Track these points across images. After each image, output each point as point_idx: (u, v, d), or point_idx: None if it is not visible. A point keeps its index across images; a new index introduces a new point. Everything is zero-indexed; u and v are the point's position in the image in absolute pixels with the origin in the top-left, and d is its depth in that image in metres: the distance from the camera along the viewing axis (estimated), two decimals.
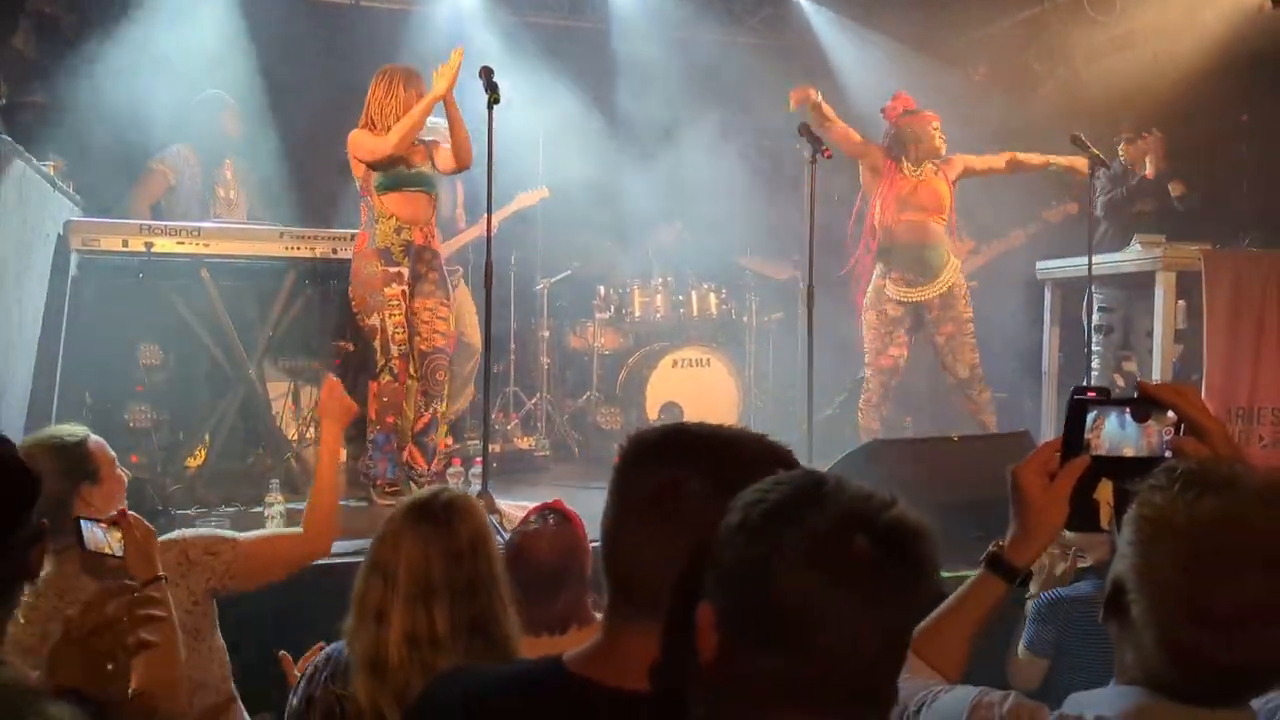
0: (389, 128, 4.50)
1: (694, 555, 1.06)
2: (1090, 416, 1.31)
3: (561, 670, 1.16)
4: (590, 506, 1.49)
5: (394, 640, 1.75)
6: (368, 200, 4.63)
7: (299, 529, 2.65)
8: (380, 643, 1.76)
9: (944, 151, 5.46)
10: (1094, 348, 5.76)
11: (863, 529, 0.95)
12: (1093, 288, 5.43)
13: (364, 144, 4.54)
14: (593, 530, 3.99)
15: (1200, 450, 1.26)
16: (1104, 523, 1.29)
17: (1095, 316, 5.67)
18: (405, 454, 4.77)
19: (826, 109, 5.28)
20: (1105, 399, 1.32)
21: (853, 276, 5.69)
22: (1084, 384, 1.47)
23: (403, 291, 4.59)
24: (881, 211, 5.44)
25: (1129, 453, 1.30)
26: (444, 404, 4.79)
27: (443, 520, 1.84)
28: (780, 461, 1.14)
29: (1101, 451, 1.31)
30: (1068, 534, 2.05)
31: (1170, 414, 1.29)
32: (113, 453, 2.39)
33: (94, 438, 2.36)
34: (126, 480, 2.45)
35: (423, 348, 4.70)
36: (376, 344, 4.59)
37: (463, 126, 4.47)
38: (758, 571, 0.96)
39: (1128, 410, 1.31)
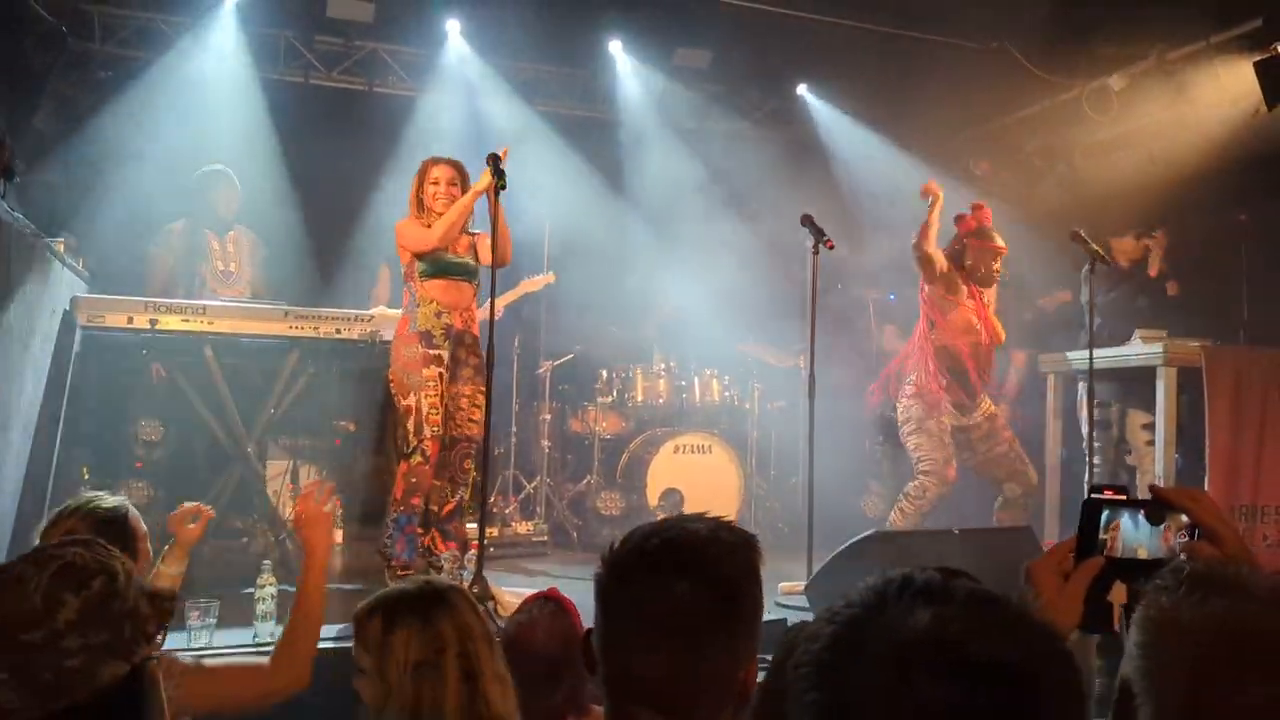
0: (434, 211, 4.64)
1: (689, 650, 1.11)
2: (1104, 517, 1.30)
3: None
4: (588, 595, 1.47)
5: None
6: (410, 285, 4.71)
7: (263, 660, 2.32)
8: None
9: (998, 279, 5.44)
10: (1094, 443, 5.75)
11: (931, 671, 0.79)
12: (1089, 383, 5.41)
13: (410, 234, 4.66)
14: (588, 619, 3.95)
15: (1214, 554, 1.25)
16: (1118, 625, 1.28)
17: (1095, 412, 5.66)
18: (428, 538, 4.75)
19: (936, 212, 5.27)
20: (1119, 501, 1.31)
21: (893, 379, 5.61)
22: (1101, 483, 1.47)
23: (440, 374, 4.64)
24: (942, 330, 5.36)
25: (1143, 555, 1.29)
26: (469, 491, 4.76)
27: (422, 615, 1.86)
28: (750, 548, 1.28)
29: (1116, 553, 1.30)
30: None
31: (1184, 517, 1.29)
32: (144, 527, 2.37)
33: (133, 510, 2.33)
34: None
35: (455, 434, 4.73)
36: (410, 425, 4.59)
37: (504, 226, 4.50)
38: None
39: (1142, 512, 1.30)
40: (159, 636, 1.62)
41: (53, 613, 1.51)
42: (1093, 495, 1.36)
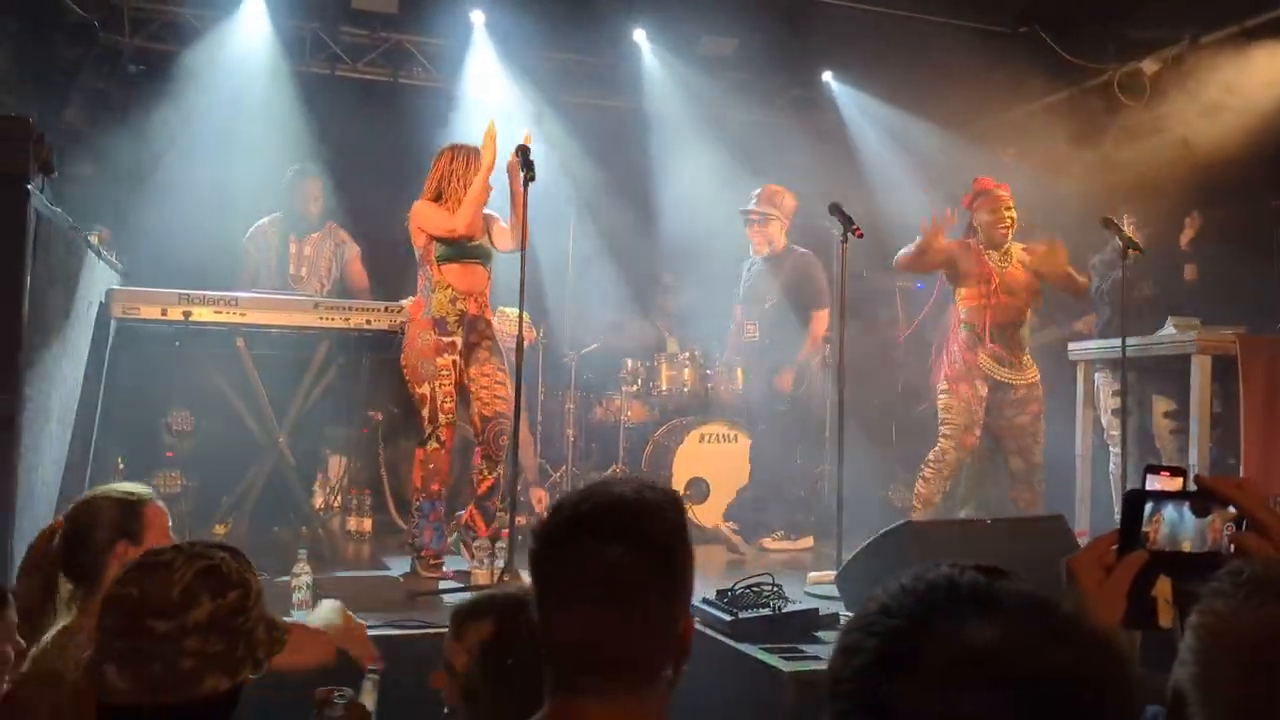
0: (456, 199, 4.60)
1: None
2: (1148, 509, 1.27)
3: None
4: None
5: None
6: (426, 269, 4.70)
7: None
8: None
9: (1011, 235, 5.35)
10: (1112, 431, 5.71)
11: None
12: (1103, 372, 5.35)
13: (432, 219, 4.62)
14: None
15: (1263, 547, 1.22)
16: (1162, 621, 1.25)
17: (1113, 400, 5.62)
18: (466, 515, 4.78)
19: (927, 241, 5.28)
20: (1164, 492, 1.29)
21: (934, 365, 5.67)
22: (1156, 463, 1.42)
23: (454, 361, 4.65)
24: (969, 298, 5.36)
25: (1188, 548, 1.27)
26: (503, 468, 4.76)
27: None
28: (676, 506, 1.33)
29: (1160, 546, 1.27)
30: None
31: (1230, 508, 1.26)
32: (168, 521, 2.38)
33: (156, 503, 2.35)
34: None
35: (485, 413, 4.72)
36: (425, 412, 4.60)
37: (521, 208, 4.49)
38: None
39: (1187, 504, 1.27)
40: (263, 666, 1.64)
41: (186, 609, 1.55)
42: (1146, 476, 1.33)
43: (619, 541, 1.26)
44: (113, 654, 1.53)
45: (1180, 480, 1.36)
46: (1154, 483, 1.36)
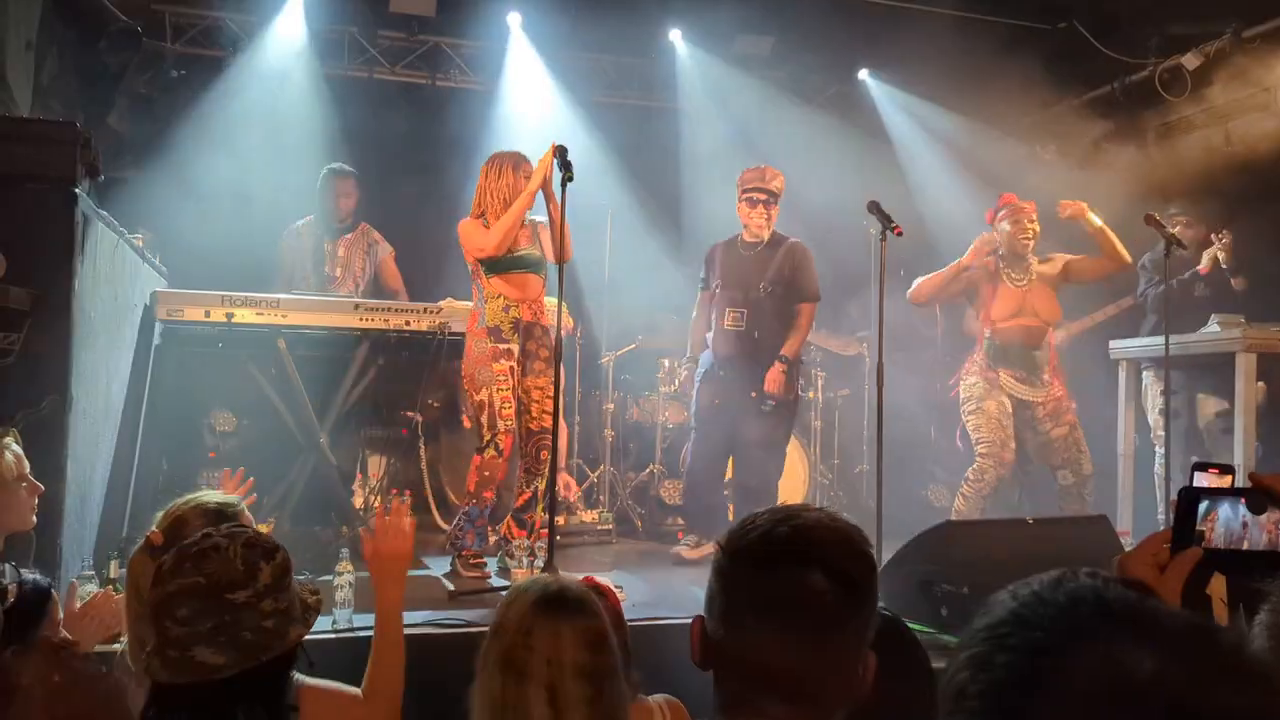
0: (497, 214, 4.61)
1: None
2: (1203, 507, 1.26)
3: None
4: (652, 582, 1.46)
5: None
6: (477, 282, 4.73)
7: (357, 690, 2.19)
8: None
9: (1033, 247, 5.37)
10: (1157, 432, 5.65)
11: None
12: (1152, 370, 5.30)
13: (472, 238, 4.65)
14: (643, 607, 3.95)
15: None
16: (1217, 618, 1.24)
17: (1160, 399, 5.55)
18: (504, 527, 4.84)
19: (957, 267, 5.41)
20: (1218, 490, 1.27)
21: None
22: (1204, 461, 1.39)
23: (511, 368, 4.65)
24: (988, 319, 5.44)
25: (1245, 546, 1.25)
26: (543, 481, 4.75)
27: (576, 612, 1.74)
28: (864, 539, 1.32)
29: (1215, 544, 1.25)
30: None
31: None
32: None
33: (246, 511, 2.51)
34: None
35: (531, 426, 4.75)
36: (484, 419, 4.60)
37: (563, 223, 4.41)
38: None
39: (1242, 501, 1.26)
40: (314, 614, 1.82)
41: (254, 576, 1.73)
42: (1194, 473, 1.31)
43: (819, 569, 1.25)
44: (200, 637, 1.67)
45: (1230, 478, 1.35)
46: (1202, 480, 1.35)
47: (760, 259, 5.52)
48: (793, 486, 6.41)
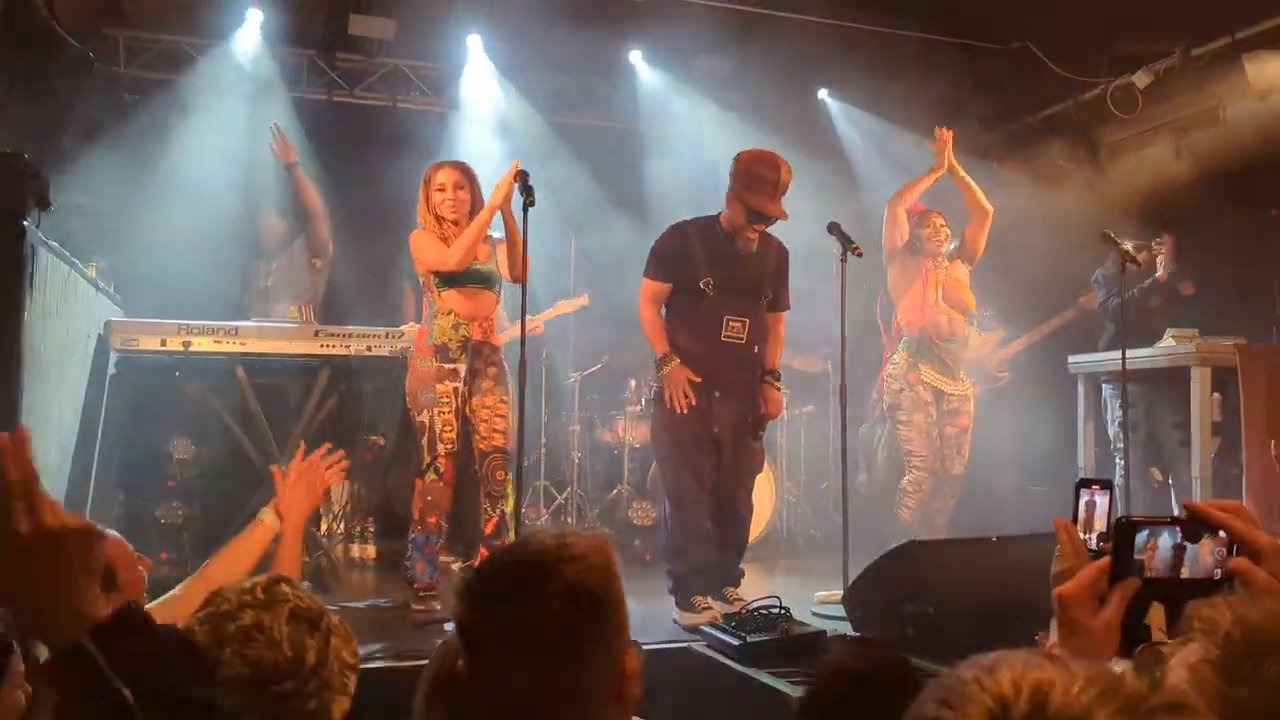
0: (445, 219, 4.50)
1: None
2: (1142, 536, 1.26)
3: None
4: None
5: None
6: (428, 296, 4.59)
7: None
8: None
9: (944, 247, 5.60)
10: (1117, 444, 5.72)
11: None
12: (1111, 384, 5.41)
13: (428, 252, 4.49)
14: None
15: (1256, 573, 1.20)
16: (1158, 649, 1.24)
17: (1119, 413, 5.63)
18: (476, 560, 4.74)
19: (931, 179, 5.65)
20: (1154, 519, 1.27)
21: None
22: (1087, 477, 1.41)
23: (455, 389, 4.48)
24: (908, 310, 5.58)
25: (1184, 574, 1.25)
26: (509, 504, 4.63)
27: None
28: (602, 551, 1.32)
29: (1156, 573, 1.25)
30: None
31: (1221, 533, 1.24)
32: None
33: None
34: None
35: (481, 447, 4.56)
36: (424, 441, 4.46)
37: (520, 242, 4.28)
38: None
39: (1178, 529, 1.25)
40: (350, 681, 1.61)
41: (301, 660, 1.53)
42: (1079, 490, 1.35)
43: (550, 594, 1.26)
44: None
45: (1108, 493, 1.40)
46: (1086, 496, 1.40)
47: (759, 260, 4.73)
48: (759, 505, 6.38)
